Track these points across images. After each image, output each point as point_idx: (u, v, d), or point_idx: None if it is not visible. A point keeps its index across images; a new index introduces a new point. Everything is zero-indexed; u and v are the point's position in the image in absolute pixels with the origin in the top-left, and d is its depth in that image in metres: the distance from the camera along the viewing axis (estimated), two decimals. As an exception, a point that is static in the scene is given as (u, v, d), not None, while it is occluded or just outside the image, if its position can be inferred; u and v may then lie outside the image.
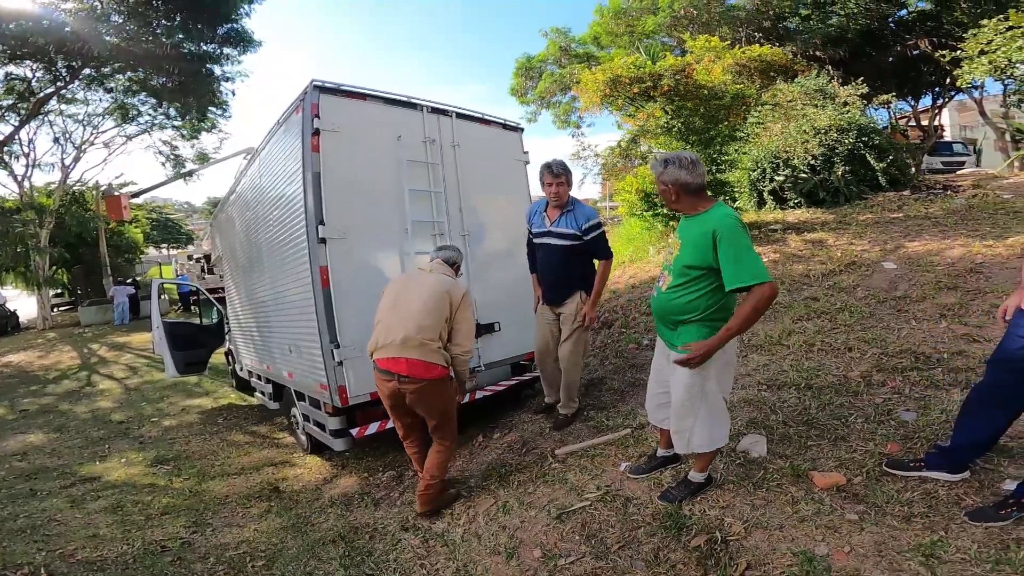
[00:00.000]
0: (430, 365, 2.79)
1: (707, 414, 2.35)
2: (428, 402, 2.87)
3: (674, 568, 2.16)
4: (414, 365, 2.77)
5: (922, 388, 3.21)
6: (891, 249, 5.57)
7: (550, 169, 3.52)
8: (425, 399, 2.85)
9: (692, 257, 2.21)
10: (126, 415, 7.28)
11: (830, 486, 2.44)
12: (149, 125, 16.62)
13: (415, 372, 2.77)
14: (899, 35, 14.36)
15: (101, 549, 3.06)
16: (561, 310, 3.69)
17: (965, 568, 1.86)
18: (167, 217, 35.33)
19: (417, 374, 2.77)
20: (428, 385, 2.80)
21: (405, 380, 2.78)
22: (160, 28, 11.32)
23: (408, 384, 2.79)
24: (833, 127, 8.46)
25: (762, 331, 4.47)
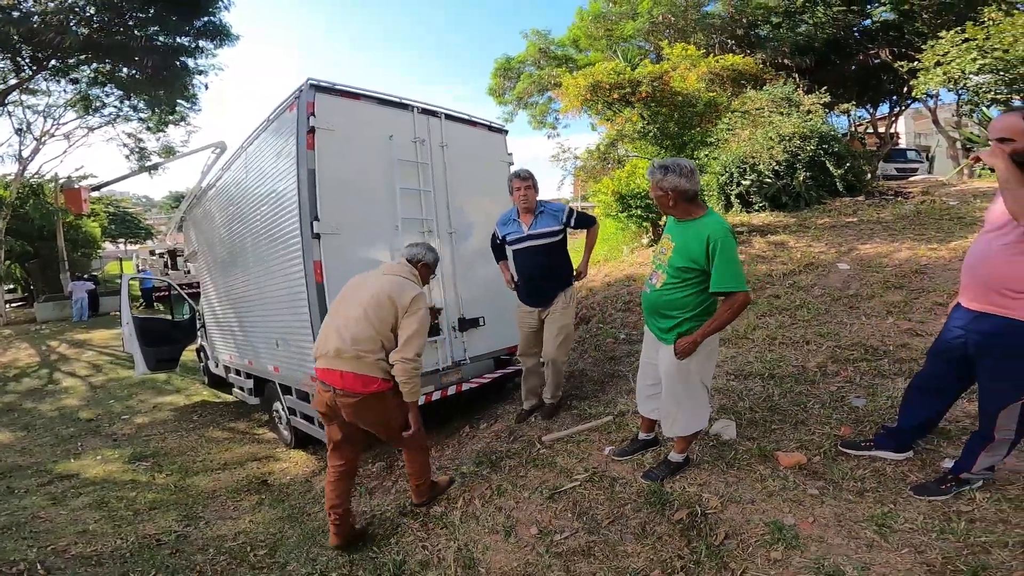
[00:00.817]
0: (367, 379, 2.60)
1: (690, 400, 2.59)
2: (366, 417, 2.69)
3: (660, 539, 2.38)
4: (348, 378, 2.58)
5: (871, 377, 3.54)
6: (845, 251, 5.98)
7: (519, 175, 3.63)
8: (362, 414, 2.66)
9: (687, 260, 2.40)
10: (95, 413, 7.12)
11: (793, 465, 2.71)
12: (113, 117, 16.03)
13: (350, 386, 2.58)
14: (862, 44, 14.98)
15: (94, 544, 3.06)
16: (548, 309, 3.72)
17: (913, 536, 2.10)
18: (125, 211, 34.03)
19: (353, 388, 2.58)
20: (364, 400, 2.60)
21: (341, 394, 2.61)
22: (133, 20, 10.98)
23: (344, 398, 2.61)
24: (796, 134, 8.79)
25: (730, 327, 4.74)
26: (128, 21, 10.95)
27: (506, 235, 3.76)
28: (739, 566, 2.12)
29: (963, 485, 2.32)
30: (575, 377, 4.77)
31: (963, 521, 2.15)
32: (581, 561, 2.33)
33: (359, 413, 2.64)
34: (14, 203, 15.44)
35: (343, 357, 2.58)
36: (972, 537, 2.05)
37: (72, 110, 15.65)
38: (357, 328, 2.59)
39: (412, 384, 2.63)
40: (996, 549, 1.97)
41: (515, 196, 3.66)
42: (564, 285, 3.71)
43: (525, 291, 3.78)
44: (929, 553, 2.00)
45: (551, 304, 3.70)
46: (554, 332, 3.70)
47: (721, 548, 2.23)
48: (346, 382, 2.58)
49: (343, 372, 2.58)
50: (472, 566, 2.41)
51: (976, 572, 1.87)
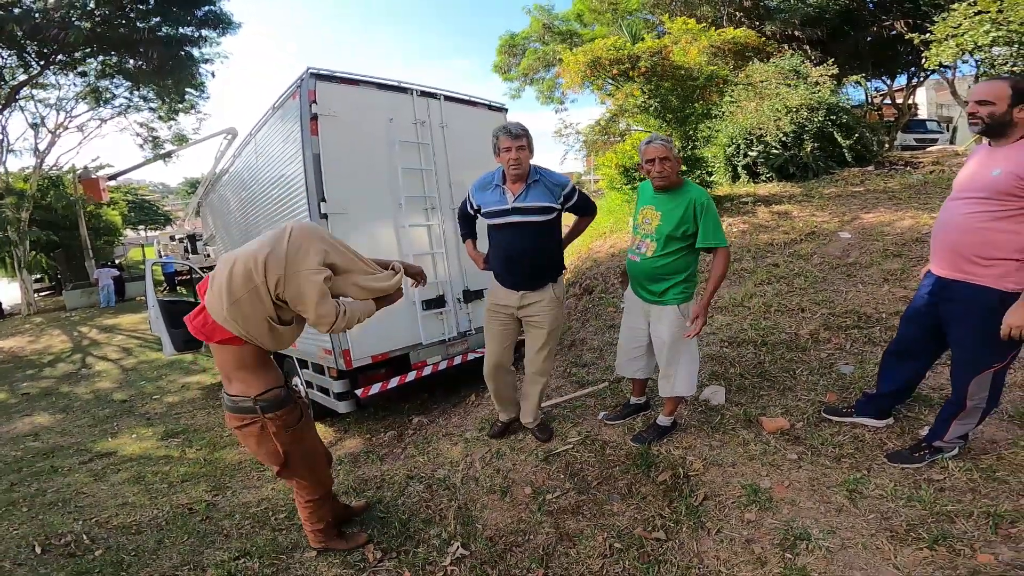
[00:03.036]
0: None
1: (688, 360, 2.75)
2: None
3: (645, 499, 2.54)
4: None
5: (861, 344, 3.64)
6: (848, 220, 6.00)
7: (508, 132, 2.72)
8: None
9: (677, 227, 2.59)
10: (128, 394, 7.47)
11: (776, 430, 2.85)
12: (124, 108, 16.33)
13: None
14: (876, 15, 14.56)
15: (133, 515, 3.25)
16: (529, 311, 2.93)
17: (882, 503, 2.21)
18: (143, 198, 34.64)
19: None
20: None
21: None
22: (134, 12, 11.14)
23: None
24: (804, 106, 8.79)
25: (727, 294, 4.88)
26: (129, 14, 11.11)
27: (482, 205, 2.91)
28: (714, 526, 2.27)
29: (937, 453, 2.40)
30: (575, 345, 4.93)
31: (932, 489, 2.24)
32: (570, 519, 2.50)
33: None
34: (35, 195, 15.90)
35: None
36: (939, 506, 2.13)
37: (83, 102, 15.98)
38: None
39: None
40: (961, 519, 2.05)
41: (502, 158, 2.77)
42: (554, 275, 2.96)
43: (504, 275, 2.97)
44: (894, 520, 2.11)
45: (535, 292, 2.91)
46: (539, 339, 2.97)
47: (699, 509, 2.39)
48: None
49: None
50: (470, 523, 2.59)
51: (936, 540, 1.95)
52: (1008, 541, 1.91)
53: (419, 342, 4.35)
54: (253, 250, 1.86)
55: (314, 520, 2.43)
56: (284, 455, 2.15)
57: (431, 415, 4.54)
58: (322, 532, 2.46)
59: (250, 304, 1.83)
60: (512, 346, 3.12)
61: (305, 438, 2.26)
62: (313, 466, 2.33)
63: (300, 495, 2.38)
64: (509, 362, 3.16)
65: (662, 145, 2.59)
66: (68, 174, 17.86)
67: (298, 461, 2.23)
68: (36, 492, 3.94)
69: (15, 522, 3.34)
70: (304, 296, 1.87)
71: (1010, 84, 2.03)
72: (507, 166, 2.77)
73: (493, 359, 3.09)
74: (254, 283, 1.81)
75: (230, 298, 1.81)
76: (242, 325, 1.86)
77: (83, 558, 2.71)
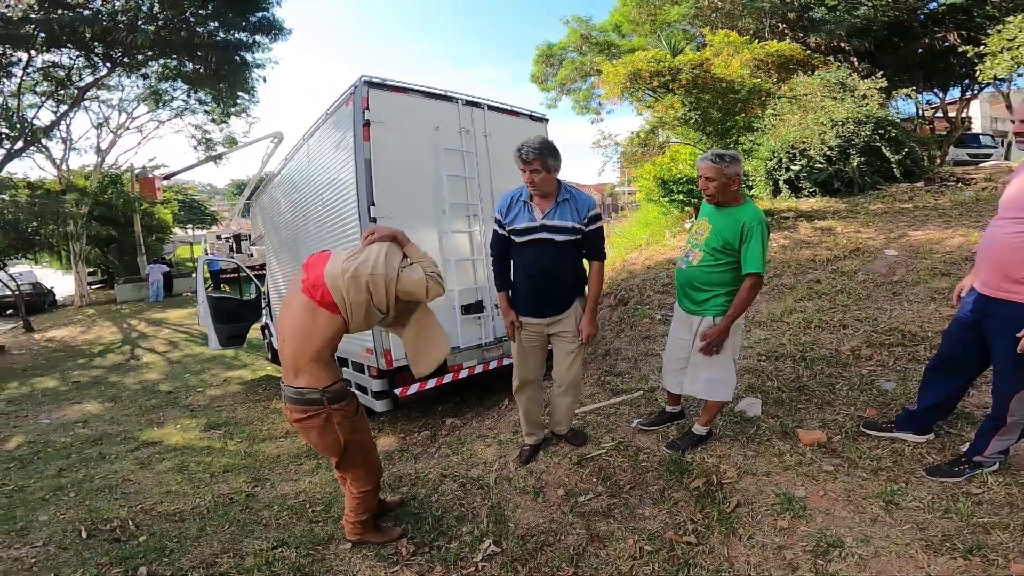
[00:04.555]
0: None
1: (728, 367, 2.77)
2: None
3: (676, 505, 2.55)
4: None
5: (904, 362, 3.56)
6: (895, 237, 5.84)
7: (519, 156, 2.67)
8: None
9: (724, 242, 2.63)
10: (173, 386, 7.80)
11: (813, 442, 2.82)
12: (181, 110, 17.20)
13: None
14: (928, 27, 14.15)
15: (177, 503, 3.40)
16: (558, 327, 2.88)
17: (918, 514, 2.19)
18: (192, 198, 36.15)
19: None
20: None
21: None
22: (195, 17, 11.73)
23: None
24: (850, 119, 8.59)
25: (765, 309, 4.83)
26: (190, 18, 11.71)
27: (509, 222, 2.82)
28: (746, 531, 2.28)
29: (976, 468, 2.37)
30: (610, 355, 4.95)
31: (970, 502, 2.21)
32: (601, 521, 2.54)
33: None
34: (95, 192, 16.84)
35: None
36: (976, 518, 2.11)
37: (143, 104, 16.89)
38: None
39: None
40: (997, 531, 2.03)
41: (524, 179, 2.74)
42: (580, 290, 2.92)
43: (528, 298, 2.88)
44: (930, 530, 2.09)
45: (562, 312, 2.86)
46: (569, 352, 2.92)
47: (732, 515, 2.39)
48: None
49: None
50: (502, 521, 2.65)
51: (971, 550, 1.93)
52: (1044, 553, 1.88)
53: (457, 345, 4.45)
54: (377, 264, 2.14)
55: (360, 511, 2.51)
56: (344, 445, 2.28)
57: (464, 417, 4.63)
58: (363, 524, 2.55)
59: (366, 290, 2.11)
60: (542, 362, 3.06)
61: (363, 428, 2.41)
62: (368, 456, 2.46)
63: (353, 486, 2.47)
64: (539, 378, 3.09)
65: (708, 164, 2.63)
66: (126, 173, 18.86)
67: (356, 451, 2.36)
68: (84, 478, 4.12)
69: (63, 507, 3.50)
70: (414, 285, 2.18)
71: None
72: (528, 185, 2.74)
73: (521, 374, 3.02)
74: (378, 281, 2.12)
75: (354, 272, 2.08)
76: (350, 296, 2.09)
77: (127, 544, 2.84)
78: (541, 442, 3.26)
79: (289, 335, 2.20)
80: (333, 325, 2.16)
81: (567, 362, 2.94)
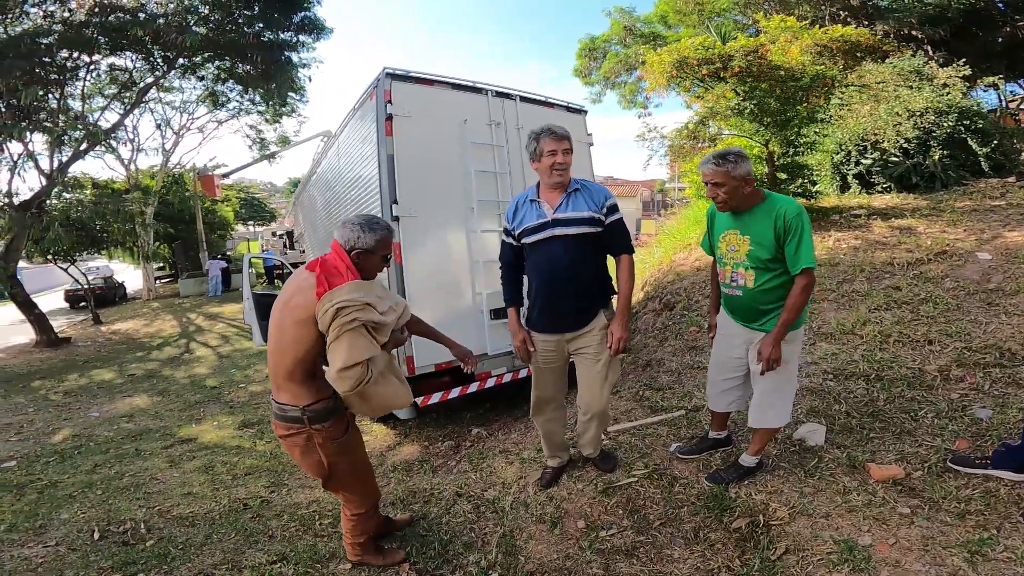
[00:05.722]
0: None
1: (788, 390, 2.41)
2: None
3: (712, 547, 2.22)
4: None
5: (1003, 385, 3.02)
6: (988, 239, 5.11)
7: (551, 131, 2.39)
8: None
9: (772, 247, 2.24)
10: (219, 381, 7.96)
11: (887, 479, 2.40)
12: (237, 111, 17.88)
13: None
14: (1007, 15, 12.91)
15: (193, 506, 3.34)
16: (580, 343, 2.52)
17: (1009, 567, 1.82)
18: (253, 196, 37.89)
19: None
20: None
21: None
22: (242, 18, 12.08)
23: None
24: (930, 109, 7.86)
25: (834, 319, 4.27)
26: (238, 19, 12.08)
27: (518, 226, 2.51)
28: (793, 585, 1.91)
29: None
30: (651, 367, 4.55)
31: None
32: (622, 561, 2.23)
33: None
34: (160, 191, 17.77)
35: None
36: None
37: (203, 105, 17.67)
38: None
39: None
40: None
41: (543, 163, 2.42)
42: (604, 300, 2.55)
43: (543, 310, 2.53)
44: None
45: (585, 326, 2.50)
46: (597, 371, 2.51)
47: (777, 564, 2.03)
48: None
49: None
50: (513, 553, 2.38)
51: None
52: None
53: (485, 352, 4.20)
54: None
55: (356, 533, 2.37)
56: (329, 467, 2.10)
57: (491, 427, 4.37)
58: (361, 546, 2.40)
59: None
60: (563, 381, 2.72)
61: (351, 450, 2.20)
62: (359, 479, 2.28)
63: (347, 508, 2.34)
64: (561, 396, 2.76)
65: (713, 168, 2.24)
66: (189, 172, 19.84)
67: (344, 474, 2.18)
68: (114, 475, 4.14)
69: (86, 505, 3.50)
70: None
71: None
72: (548, 172, 2.41)
73: (538, 394, 2.70)
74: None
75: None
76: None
77: (134, 548, 2.78)
78: (565, 464, 2.93)
79: (269, 347, 2.03)
80: (302, 359, 1.98)
81: (594, 386, 2.54)
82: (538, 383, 2.68)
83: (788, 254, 2.20)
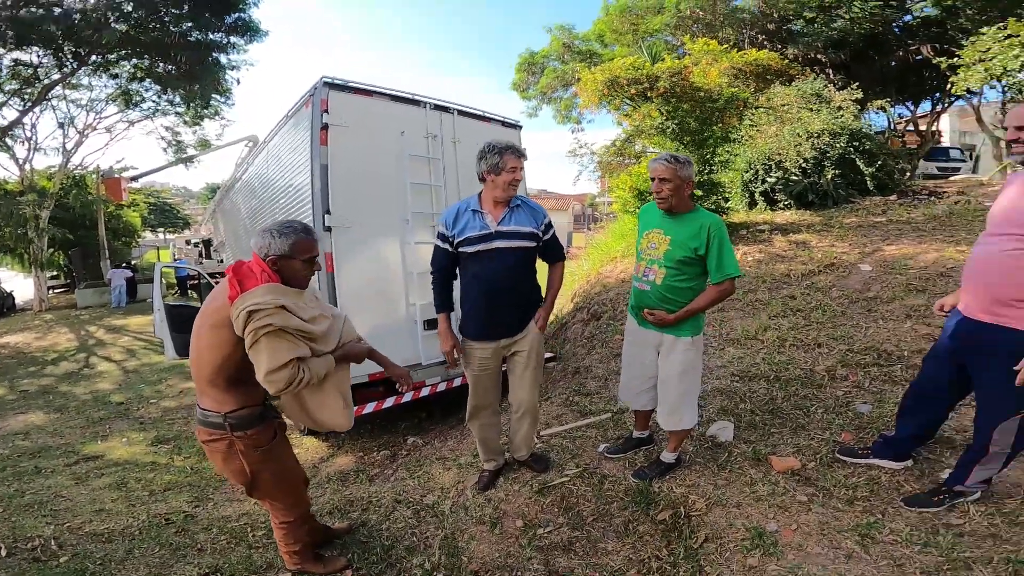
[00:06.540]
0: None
1: (693, 393, 2.63)
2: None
3: (641, 538, 2.40)
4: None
5: (880, 383, 3.45)
6: (869, 252, 5.79)
7: (516, 151, 2.52)
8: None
9: (687, 251, 2.46)
10: (125, 396, 7.38)
11: (786, 470, 2.69)
12: (152, 111, 16.66)
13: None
14: (902, 40, 14.44)
15: (108, 522, 3.17)
16: (515, 347, 2.69)
17: (895, 548, 2.07)
18: (164, 201, 35.32)
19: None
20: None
21: None
22: (168, 16, 11.43)
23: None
24: (826, 131, 8.61)
25: (740, 326, 4.70)
26: (164, 18, 11.42)
27: (459, 233, 2.56)
28: (714, 570, 2.13)
29: (957, 498, 2.27)
30: (580, 373, 4.78)
31: (950, 534, 2.10)
32: (561, 556, 2.36)
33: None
34: (57, 194, 16.21)
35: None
36: (956, 552, 2.00)
37: (113, 104, 16.31)
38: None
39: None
40: (979, 566, 1.91)
41: (502, 177, 2.50)
42: (535, 309, 2.74)
43: (481, 319, 2.65)
44: (908, 567, 1.96)
45: (518, 332, 2.68)
46: (526, 373, 2.74)
47: (699, 551, 2.24)
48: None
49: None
50: (456, 554, 2.46)
51: None
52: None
53: (419, 362, 4.24)
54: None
55: (289, 541, 2.34)
56: (252, 475, 2.07)
57: (427, 436, 4.41)
58: (297, 554, 2.37)
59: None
60: (498, 388, 2.85)
61: (277, 459, 2.16)
62: (286, 488, 2.23)
63: (274, 516, 2.31)
64: (496, 402, 2.89)
65: (664, 165, 2.45)
66: (92, 174, 18.21)
67: (269, 482, 2.14)
68: (14, 493, 3.84)
69: None
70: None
71: None
72: (505, 187, 2.52)
73: (474, 401, 2.81)
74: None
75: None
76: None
77: (47, 564, 2.62)
78: (501, 468, 3.06)
79: (190, 354, 1.99)
80: (225, 364, 1.93)
81: (525, 384, 2.77)
82: (475, 390, 2.79)
83: (711, 263, 2.43)
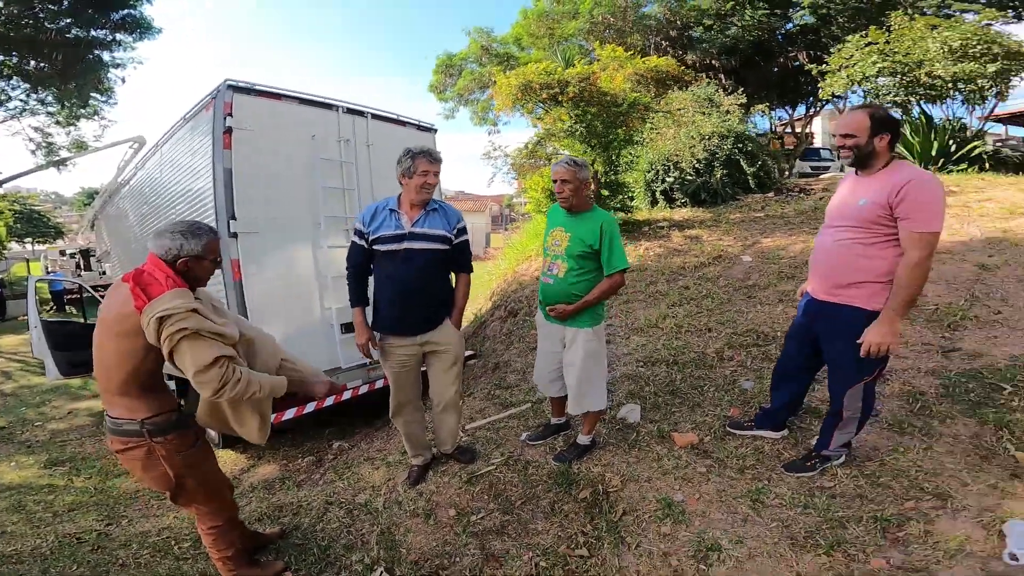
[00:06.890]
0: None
1: (599, 377, 2.86)
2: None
3: (567, 516, 2.61)
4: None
5: (760, 361, 3.93)
6: (750, 244, 6.50)
7: (431, 155, 2.60)
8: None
9: (587, 247, 2.69)
10: (6, 420, 6.68)
11: (687, 444, 3.01)
12: (19, 111, 14.71)
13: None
14: (784, 47, 15.82)
15: (13, 544, 3.01)
16: (433, 343, 2.78)
17: (782, 511, 2.37)
18: (32, 208, 31.38)
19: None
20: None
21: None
22: (44, 12, 10.27)
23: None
24: (716, 133, 9.35)
25: (643, 315, 5.12)
26: (39, 14, 10.23)
27: (374, 231, 2.65)
28: (634, 540, 2.37)
29: (826, 462, 2.60)
30: (499, 368, 4.98)
31: (825, 496, 2.41)
32: (495, 539, 2.52)
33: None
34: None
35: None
36: (831, 512, 2.30)
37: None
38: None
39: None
40: (852, 524, 2.21)
41: (414, 180, 2.59)
42: (449, 309, 2.86)
43: (395, 316, 2.71)
44: (794, 527, 2.26)
45: (434, 328, 2.77)
46: (447, 369, 2.85)
47: (619, 524, 2.48)
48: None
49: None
50: (394, 547, 2.55)
51: (832, 546, 2.09)
52: (897, 545, 2.08)
53: (338, 366, 4.23)
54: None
55: (220, 547, 2.28)
56: (176, 480, 2.04)
57: (352, 439, 4.42)
58: (231, 559, 2.31)
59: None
60: (418, 383, 2.94)
61: (201, 463, 2.15)
62: (212, 491, 2.22)
63: (202, 522, 2.26)
64: (417, 398, 2.98)
65: (565, 168, 2.68)
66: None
67: (194, 487, 2.12)
68: None
69: None
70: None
71: (868, 114, 2.18)
72: (417, 190, 2.60)
73: (397, 397, 2.88)
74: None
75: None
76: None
77: None
78: (430, 462, 3.18)
79: (95, 366, 1.95)
80: (135, 370, 1.92)
81: (446, 379, 2.89)
82: (395, 387, 2.86)
83: (604, 257, 2.68)
